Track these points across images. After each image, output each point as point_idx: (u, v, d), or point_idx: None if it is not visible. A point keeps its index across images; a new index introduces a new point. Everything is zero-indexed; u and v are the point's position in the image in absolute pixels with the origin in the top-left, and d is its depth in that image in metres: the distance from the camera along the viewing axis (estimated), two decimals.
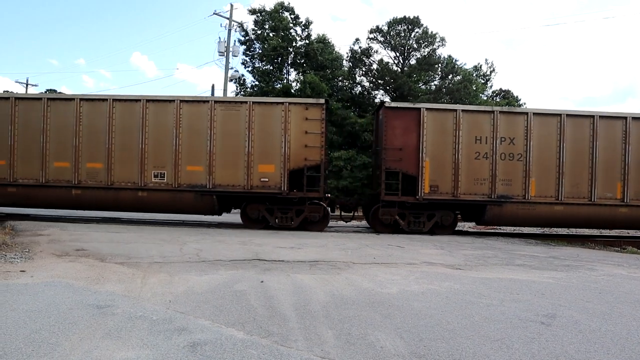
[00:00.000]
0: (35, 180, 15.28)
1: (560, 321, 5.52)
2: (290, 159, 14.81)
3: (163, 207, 15.52)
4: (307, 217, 15.08)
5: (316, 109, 14.90)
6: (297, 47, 36.83)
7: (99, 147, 15.25)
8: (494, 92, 43.84)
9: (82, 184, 15.25)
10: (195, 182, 14.92)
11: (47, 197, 15.38)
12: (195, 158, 14.94)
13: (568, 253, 11.77)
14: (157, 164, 15.02)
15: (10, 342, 4.31)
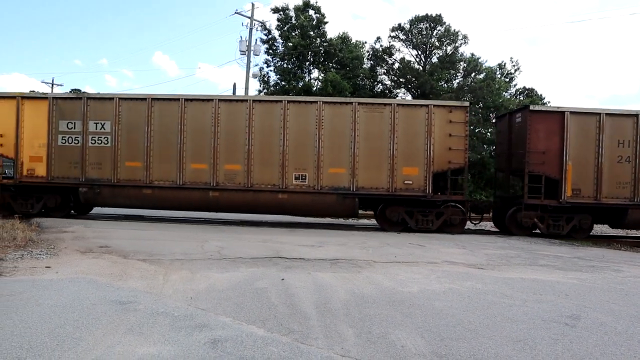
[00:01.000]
0: (172, 182, 14.99)
1: (584, 323, 5.42)
2: (434, 161, 14.58)
3: (303, 209, 15.47)
4: (447, 220, 14.91)
5: (460, 112, 14.67)
6: (317, 46, 36.84)
7: (237, 148, 14.94)
8: (518, 91, 43.22)
9: (220, 186, 14.93)
10: (338, 185, 14.72)
11: (183, 199, 15.12)
12: (338, 160, 14.70)
13: (593, 254, 11.55)
14: (298, 166, 14.77)
15: (36, 336, 4.39)
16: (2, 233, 10.19)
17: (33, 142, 15.31)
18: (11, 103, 15.32)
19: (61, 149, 15.25)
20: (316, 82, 36.53)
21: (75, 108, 15.28)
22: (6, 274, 6.94)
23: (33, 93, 15.56)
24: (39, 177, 15.26)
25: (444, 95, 34.26)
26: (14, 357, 3.93)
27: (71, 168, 15.22)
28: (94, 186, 15.13)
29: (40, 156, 15.29)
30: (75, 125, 15.27)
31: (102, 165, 15.16)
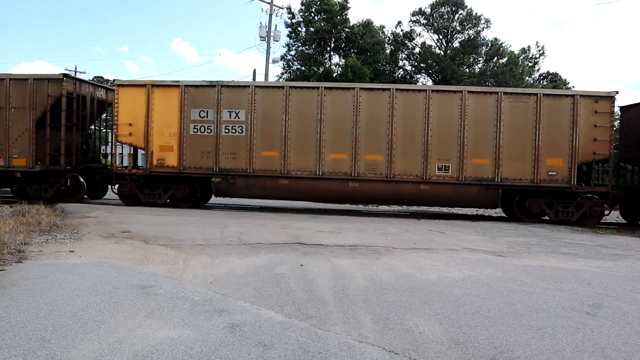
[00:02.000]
0: (310, 172, 14.61)
1: (606, 312, 5.34)
2: (579, 152, 14.33)
3: (445, 200, 15.35)
4: (586, 212, 14.70)
5: (605, 102, 14.32)
6: (339, 31, 36.60)
7: (379, 138, 14.51)
8: (541, 75, 42.48)
9: (360, 176, 14.52)
10: (481, 175, 14.42)
11: (321, 190, 14.83)
12: (482, 151, 14.45)
13: (617, 242, 11.35)
14: (441, 157, 14.44)
15: (60, 319, 4.50)
16: (27, 218, 10.42)
17: (163, 131, 14.96)
18: (140, 91, 15.02)
19: (193, 138, 14.87)
20: (337, 67, 36.35)
21: (208, 96, 14.89)
22: (31, 258, 7.10)
23: (164, 81, 15.22)
24: (170, 167, 14.94)
25: (465, 81, 33.84)
26: (38, 339, 4.03)
27: (203, 158, 14.82)
28: (227, 176, 14.77)
29: (170, 145, 14.94)
30: (207, 113, 14.85)
31: (237, 155, 14.79)
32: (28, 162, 15.20)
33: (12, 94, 15.28)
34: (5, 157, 15.28)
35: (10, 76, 15.53)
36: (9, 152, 15.28)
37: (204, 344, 4.01)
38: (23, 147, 15.23)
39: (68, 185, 15.59)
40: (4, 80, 15.26)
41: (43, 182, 15.61)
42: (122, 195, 15.45)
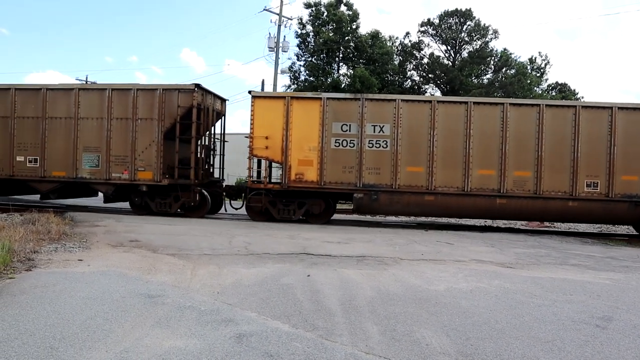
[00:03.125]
0: (457, 188, 14.29)
1: (617, 325, 5.29)
2: None
3: (592, 217, 15.12)
4: None
5: None
6: (348, 41, 36.78)
7: (527, 154, 14.24)
8: (550, 86, 42.36)
9: (508, 193, 14.22)
10: (630, 192, 14.19)
11: (467, 206, 14.47)
12: (632, 167, 14.16)
13: (627, 253, 11.25)
14: (590, 173, 14.21)
15: (68, 327, 4.52)
16: (37, 226, 10.49)
17: (302, 145, 14.60)
18: (278, 103, 14.75)
19: (334, 152, 14.50)
20: (345, 78, 36.48)
21: (351, 109, 14.55)
22: (41, 266, 7.15)
23: (304, 93, 15.08)
24: (309, 182, 14.57)
25: (473, 92, 33.83)
26: (47, 347, 4.05)
27: (345, 173, 14.47)
28: (370, 192, 14.39)
29: (310, 160, 14.56)
30: (350, 127, 14.50)
31: (381, 170, 14.42)
32: (155, 175, 14.93)
33: (139, 105, 15.07)
34: (130, 170, 15.02)
35: (138, 86, 15.34)
36: (134, 165, 15.02)
37: (211, 354, 4.01)
38: (149, 160, 14.95)
39: (197, 199, 15.30)
40: (131, 91, 15.11)
41: (167, 197, 15.37)
42: (253, 210, 15.10)
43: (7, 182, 16.05)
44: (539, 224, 18.56)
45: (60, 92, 15.59)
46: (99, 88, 15.58)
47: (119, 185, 15.31)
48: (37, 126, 15.55)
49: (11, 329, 4.45)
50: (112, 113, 15.22)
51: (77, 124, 15.37)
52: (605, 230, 18.42)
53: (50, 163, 15.53)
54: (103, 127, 15.25)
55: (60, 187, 15.77)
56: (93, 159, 15.34)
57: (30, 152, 15.60)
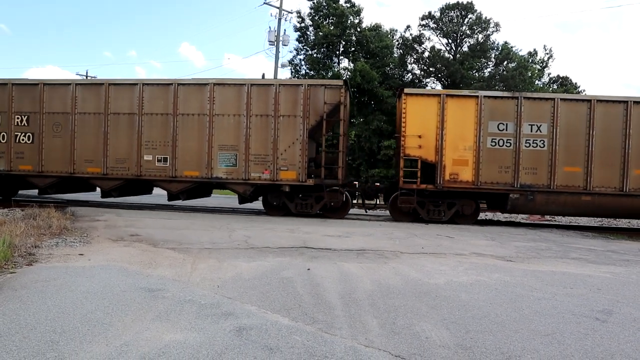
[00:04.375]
0: (614, 188, 14.05)
1: (617, 318, 5.29)
2: None
3: None
4: None
5: None
6: (349, 35, 36.69)
7: None
8: (552, 79, 42.24)
9: None
10: None
11: (625, 207, 14.25)
12: None
13: (628, 247, 11.25)
14: None
15: (68, 322, 4.53)
16: (38, 221, 10.51)
17: (457, 144, 14.34)
18: (431, 101, 14.42)
19: (490, 152, 14.28)
20: (345, 71, 36.41)
21: (508, 108, 14.29)
22: (42, 261, 7.16)
23: (459, 91, 14.36)
24: (464, 182, 14.34)
25: (474, 85, 33.76)
26: (47, 341, 4.06)
27: (501, 173, 14.25)
28: (527, 192, 14.20)
29: (465, 159, 14.32)
30: (507, 126, 14.27)
31: (538, 170, 14.21)
32: (299, 175, 14.44)
33: (281, 101, 14.53)
34: (271, 169, 14.55)
35: (280, 81, 14.84)
36: (276, 164, 14.52)
37: (211, 347, 4.02)
38: (293, 159, 14.43)
39: (344, 200, 14.96)
40: (272, 86, 14.64)
41: (308, 197, 14.95)
42: (401, 211, 14.82)
43: (133, 182, 15.62)
44: (539, 218, 18.57)
45: (192, 87, 15.01)
46: (237, 83, 14.90)
47: (259, 185, 14.83)
48: (167, 123, 14.96)
49: (12, 323, 4.46)
50: (251, 109, 14.62)
51: (212, 121, 14.76)
52: (606, 224, 18.43)
53: (181, 162, 14.95)
54: (241, 124, 14.66)
55: (191, 187, 15.29)
56: (230, 158, 14.75)
57: (159, 151, 15.05)
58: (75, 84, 15.55)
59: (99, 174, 15.33)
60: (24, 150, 15.69)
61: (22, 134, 15.72)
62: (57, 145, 15.52)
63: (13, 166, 15.73)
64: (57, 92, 15.54)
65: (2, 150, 15.79)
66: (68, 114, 15.45)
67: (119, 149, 15.23)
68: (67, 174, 15.50)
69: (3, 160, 15.78)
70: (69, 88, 15.47)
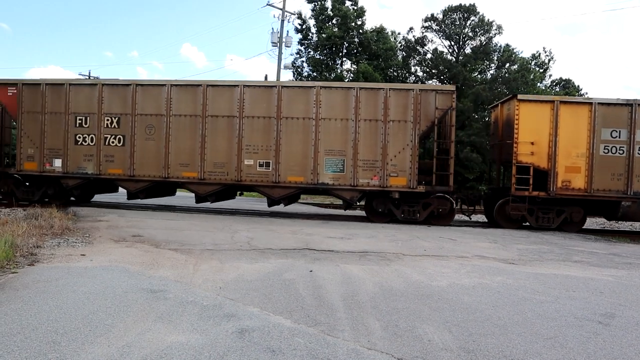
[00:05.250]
0: None
1: (619, 321, 5.27)
2: None
3: None
4: None
5: None
6: (352, 37, 36.73)
7: None
8: (553, 82, 42.17)
9: None
10: None
11: None
12: None
13: (631, 250, 11.22)
14: None
15: (70, 322, 4.52)
16: (40, 221, 10.52)
17: (569, 151, 14.12)
18: (544, 108, 14.19)
19: (602, 159, 14.05)
20: (348, 73, 36.44)
21: (621, 115, 14.06)
22: (44, 261, 7.16)
23: (573, 97, 14.33)
24: (576, 189, 14.14)
25: (477, 87, 33.74)
26: (49, 341, 4.06)
27: (613, 180, 14.05)
28: (639, 200, 14.09)
29: (577, 167, 14.12)
30: (620, 133, 14.06)
31: None
32: (409, 181, 14.18)
33: (390, 106, 14.23)
34: (381, 175, 14.24)
35: (390, 86, 14.62)
36: (385, 170, 14.22)
37: (213, 349, 4.01)
38: (402, 165, 14.18)
39: (454, 207, 14.71)
40: (381, 90, 14.32)
41: (415, 204, 14.68)
42: (510, 219, 14.63)
43: (233, 187, 15.52)
44: None
45: (297, 90, 14.72)
46: (344, 87, 14.76)
47: (367, 192, 14.56)
48: (270, 127, 14.57)
49: (14, 323, 4.46)
50: (359, 114, 14.29)
51: (318, 125, 14.41)
52: (608, 227, 18.39)
53: (284, 167, 14.58)
54: (349, 129, 14.35)
55: (294, 193, 15.07)
56: (337, 164, 14.41)
57: (261, 156, 14.65)
58: (170, 85, 15.09)
59: (195, 178, 14.91)
60: (113, 153, 15.28)
61: (112, 137, 15.29)
62: (149, 148, 15.12)
63: (102, 169, 15.31)
64: (151, 93, 15.17)
65: (90, 153, 15.37)
66: (162, 115, 15.05)
67: (217, 152, 14.82)
68: (160, 178, 15.09)
69: (91, 164, 15.37)
70: (163, 89, 15.08)
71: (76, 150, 15.46)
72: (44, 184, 15.95)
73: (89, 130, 15.40)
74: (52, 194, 15.96)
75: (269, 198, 15.24)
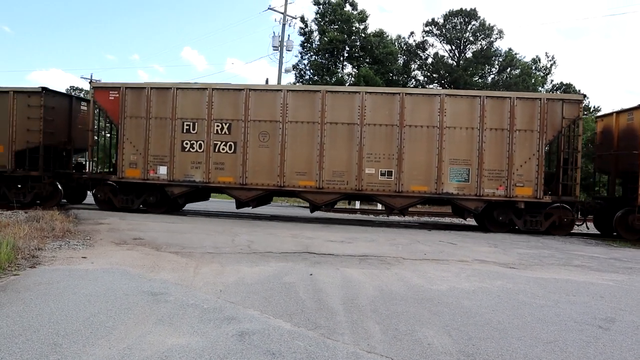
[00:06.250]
0: None
1: (619, 326, 5.28)
2: None
3: None
4: None
5: None
6: (354, 40, 36.84)
7: None
8: (554, 86, 42.20)
9: None
10: None
11: None
12: None
13: (631, 255, 11.22)
14: None
15: (71, 324, 4.54)
16: (41, 224, 10.53)
17: None
18: None
19: None
20: (349, 77, 36.51)
21: None
22: (45, 263, 7.18)
23: None
24: None
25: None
26: (50, 343, 4.08)
27: None
28: None
29: None
30: None
31: None
32: (535, 191, 14.01)
33: (517, 115, 14.07)
34: (507, 185, 14.06)
35: (517, 94, 14.46)
36: (511, 180, 14.04)
37: (213, 351, 4.03)
38: (528, 175, 14.01)
39: (574, 217, 14.51)
40: (507, 99, 14.13)
41: (537, 214, 14.39)
42: (632, 229, 14.22)
43: (349, 196, 15.27)
44: None
45: (420, 97, 14.45)
46: (469, 95, 14.54)
47: (492, 202, 14.30)
48: (392, 135, 14.29)
49: (15, 325, 4.47)
50: (485, 123, 14.09)
51: (442, 134, 14.16)
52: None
53: (407, 177, 14.27)
54: (474, 138, 14.14)
55: (416, 202, 14.82)
56: (462, 173, 14.18)
57: (382, 164, 14.32)
58: (286, 90, 14.78)
59: (312, 187, 14.55)
60: (224, 160, 14.80)
61: (222, 143, 14.82)
62: (263, 155, 14.69)
63: (212, 178, 14.82)
64: (264, 99, 14.77)
65: (198, 161, 14.89)
66: (277, 122, 14.62)
67: (336, 161, 14.47)
68: (274, 186, 14.70)
69: (199, 171, 14.88)
70: (278, 95, 14.71)
71: (183, 157, 14.98)
72: (144, 191, 15.43)
73: (197, 136, 14.92)
74: (154, 202, 15.46)
75: (389, 207, 14.95)
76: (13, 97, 15.35)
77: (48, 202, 15.79)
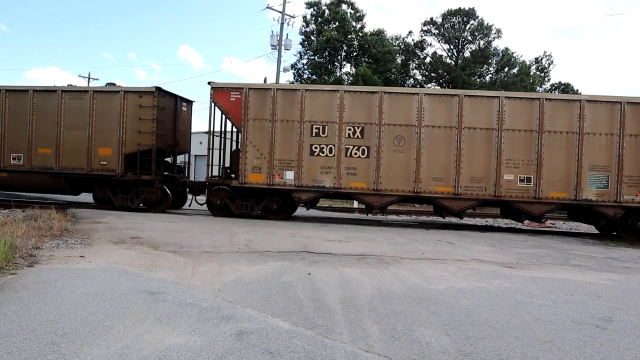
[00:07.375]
0: None
1: (617, 325, 5.30)
2: None
3: None
4: None
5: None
6: (351, 40, 36.85)
7: None
8: (553, 86, 42.29)
9: None
10: None
11: None
12: None
13: (628, 255, 11.24)
14: None
15: (69, 324, 4.54)
16: (39, 222, 10.51)
17: None
18: None
19: None
20: (347, 76, 36.52)
21: None
22: (43, 262, 7.17)
23: None
24: None
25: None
26: (48, 342, 4.07)
27: None
28: None
29: None
30: None
31: None
32: None
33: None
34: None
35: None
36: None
37: (211, 351, 4.03)
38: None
39: None
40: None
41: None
42: None
43: (489, 203, 15.09)
44: (540, 224, 18.55)
45: (559, 102, 14.30)
46: (609, 101, 14.14)
47: (632, 208, 14.05)
48: (531, 141, 14.09)
49: (13, 324, 4.47)
50: (625, 129, 13.93)
51: (582, 139, 13.96)
52: None
53: (546, 183, 14.07)
54: (613, 144, 13.98)
55: (554, 209, 14.77)
56: (601, 179, 14.02)
57: (521, 170, 14.13)
58: (422, 94, 14.44)
59: (449, 193, 14.23)
60: (356, 165, 14.42)
61: (354, 147, 14.41)
62: (398, 160, 14.33)
63: (343, 183, 14.39)
64: (399, 102, 14.40)
65: (328, 165, 14.45)
66: (413, 126, 14.28)
67: (473, 166, 14.21)
68: (410, 193, 14.33)
69: (329, 176, 14.46)
70: (414, 98, 14.36)
71: (312, 162, 14.55)
72: (265, 196, 15.03)
73: (328, 140, 14.51)
74: (277, 208, 15.05)
75: (528, 214, 14.66)
76: (124, 98, 15.04)
77: (156, 207, 15.54)
